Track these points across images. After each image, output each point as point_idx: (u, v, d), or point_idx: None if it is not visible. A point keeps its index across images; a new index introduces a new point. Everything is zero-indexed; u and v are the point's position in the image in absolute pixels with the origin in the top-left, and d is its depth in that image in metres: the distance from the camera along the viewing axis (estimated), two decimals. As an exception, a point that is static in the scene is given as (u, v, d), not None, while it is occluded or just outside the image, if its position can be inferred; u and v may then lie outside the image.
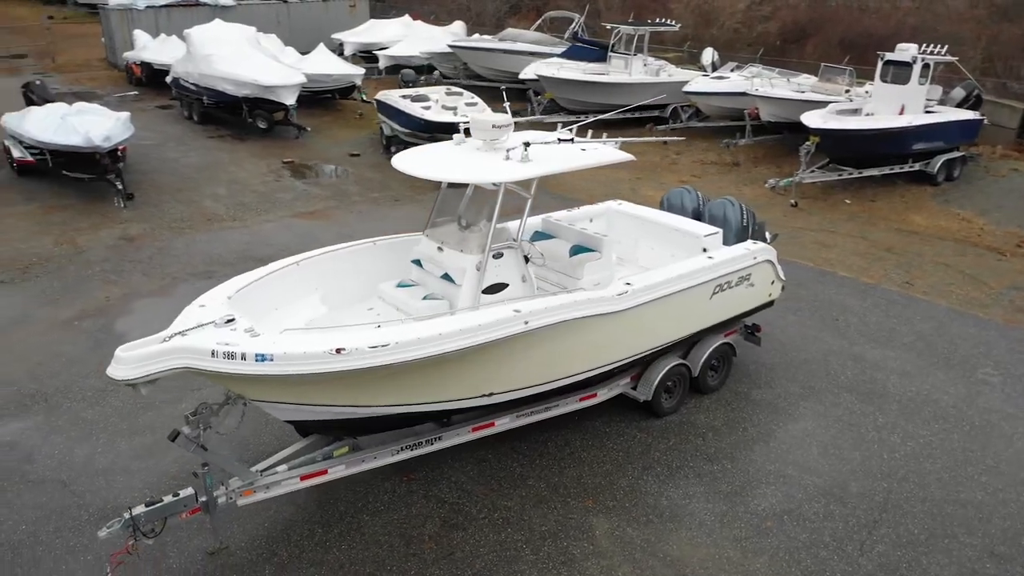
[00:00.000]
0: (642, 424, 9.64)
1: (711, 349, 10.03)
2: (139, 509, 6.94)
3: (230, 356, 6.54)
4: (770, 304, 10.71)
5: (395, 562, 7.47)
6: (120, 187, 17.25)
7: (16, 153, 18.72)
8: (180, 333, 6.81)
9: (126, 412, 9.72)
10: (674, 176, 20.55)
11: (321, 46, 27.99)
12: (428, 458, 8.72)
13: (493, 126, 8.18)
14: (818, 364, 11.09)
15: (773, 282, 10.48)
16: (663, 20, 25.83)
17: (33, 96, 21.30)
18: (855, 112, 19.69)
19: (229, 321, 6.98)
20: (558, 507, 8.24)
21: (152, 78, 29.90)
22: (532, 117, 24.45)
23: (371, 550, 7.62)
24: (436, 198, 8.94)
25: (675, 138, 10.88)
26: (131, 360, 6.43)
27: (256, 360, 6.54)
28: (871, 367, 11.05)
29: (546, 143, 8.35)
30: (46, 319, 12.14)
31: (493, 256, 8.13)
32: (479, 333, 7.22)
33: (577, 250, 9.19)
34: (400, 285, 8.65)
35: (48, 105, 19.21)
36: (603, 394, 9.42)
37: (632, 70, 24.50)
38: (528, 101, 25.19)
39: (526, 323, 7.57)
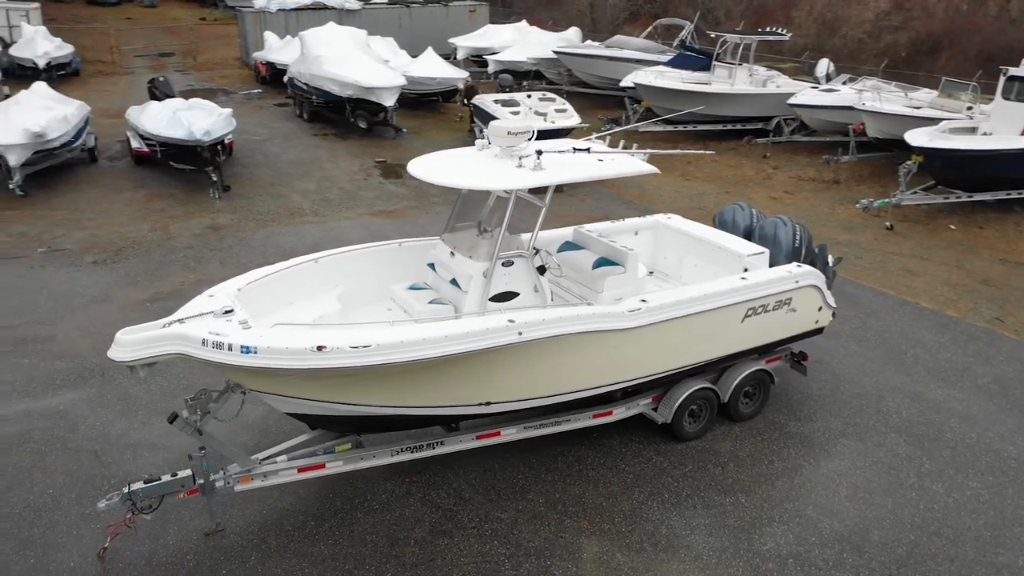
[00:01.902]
0: (661, 447, 9.27)
1: (744, 375, 9.52)
2: (137, 485, 7.33)
3: (218, 346, 6.78)
4: (818, 332, 10.04)
5: (376, 562, 7.52)
6: (215, 179, 18.29)
7: (135, 144, 20.33)
8: (179, 320, 7.13)
9: (168, 391, 10.27)
10: (765, 192, 19.69)
11: (429, 49, 28.59)
12: (434, 462, 8.76)
13: (509, 133, 8.09)
14: (870, 400, 10.30)
15: (820, 308, 9.81)
16: (774, 29, 24.82)
17: (156, 91, 22.96)
18: (971, 131, 18.18)
19: (227, 312, 7.24)
20: (552, 524, 8.04)
21: (275, 77, 31.48)
22: (626, 126, 24.09)
23: (356, 548, 7.69)
24: (455, 203, 8.93)
25: (704, 151, 10.38)
26: (129, 343, 6.82)
27: (241, 352, 6.75)
28: (930, 408, 10.16)
29: (560, 151, 8.17)
30: (123, 299, 13.03)
31: (502, 264, 8.03)
32: (466, 341, 7.14)
33: (601, 263, 8.94)
34: (412, 288, 8.70)
35: (167, 100, 20.64)
36: (620, 412, 9.12)
37: (735, 80, 23.65)
38: (625, 109, 24.79)
39: (520, 334, 7.43)
